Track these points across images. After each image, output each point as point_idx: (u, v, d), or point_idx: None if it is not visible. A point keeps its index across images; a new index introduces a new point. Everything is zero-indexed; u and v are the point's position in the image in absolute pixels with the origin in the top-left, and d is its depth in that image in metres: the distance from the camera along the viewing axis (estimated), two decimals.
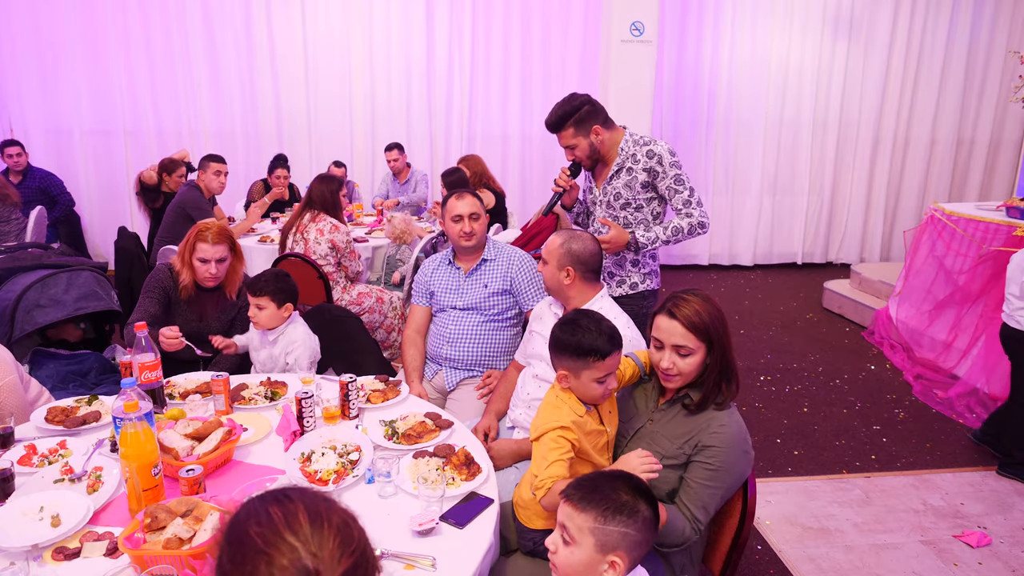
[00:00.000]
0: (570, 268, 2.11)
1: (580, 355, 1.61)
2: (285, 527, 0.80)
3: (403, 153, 6.21)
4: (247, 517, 0.82)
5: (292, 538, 0.79)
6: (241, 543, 0.80)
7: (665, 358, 1.66)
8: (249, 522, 0.81)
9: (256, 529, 0.80)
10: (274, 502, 0.83)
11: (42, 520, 1.48)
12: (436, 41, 6.80)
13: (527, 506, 1.69)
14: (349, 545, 0.81)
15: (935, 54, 7.22)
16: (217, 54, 6.53)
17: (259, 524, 0.81)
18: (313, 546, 0.79)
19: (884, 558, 2.61)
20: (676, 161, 2.49)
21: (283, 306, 2.45)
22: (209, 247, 2.59)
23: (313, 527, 0.81)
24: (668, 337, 1.65)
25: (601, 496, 1.24)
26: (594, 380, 1.63)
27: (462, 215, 2.56)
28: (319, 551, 0.79)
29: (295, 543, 0.79)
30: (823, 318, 5.66)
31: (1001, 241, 4.13)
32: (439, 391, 2.68)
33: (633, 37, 5.86)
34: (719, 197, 7.40)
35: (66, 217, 5.79)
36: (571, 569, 1.25)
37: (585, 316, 1.69)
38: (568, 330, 1.66)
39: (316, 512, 0.82)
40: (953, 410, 3.85)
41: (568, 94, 2.53)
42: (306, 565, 0.77)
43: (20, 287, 2.93)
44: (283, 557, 0.78)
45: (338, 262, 3.87)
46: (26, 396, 2.16)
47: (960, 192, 7.72)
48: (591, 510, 1.23)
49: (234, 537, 0.82)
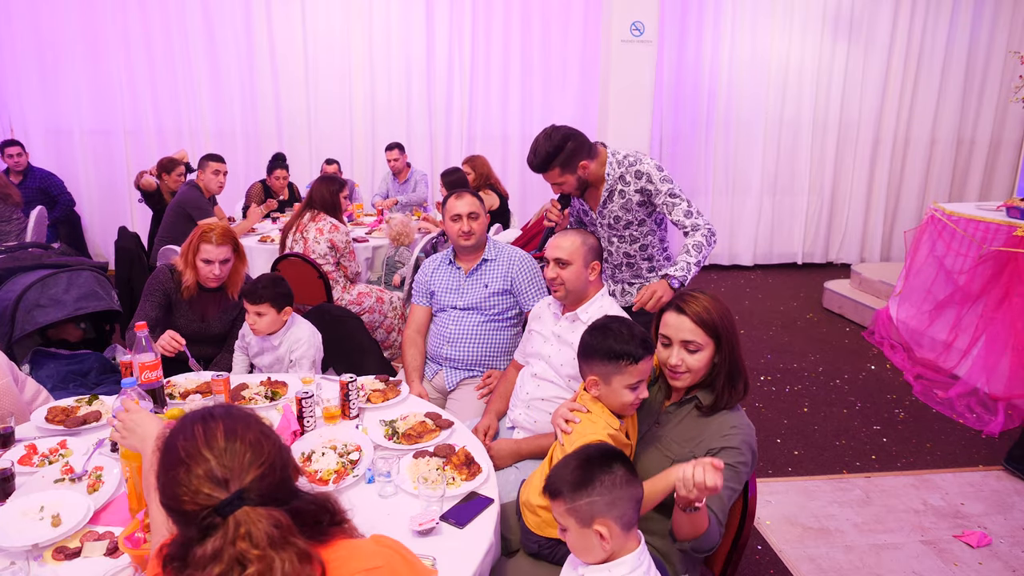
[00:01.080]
0: (596, 262, 2.13)
1: (612, 359, 1.59)
2: (203, 443, 0.96)
3: (403, 153, 6.21)
4: (178, 431, 1.00)
5: (207, 452, 0.95)
6: (169, 453, 0.98)
7: (673, 354, 1.65)
8: (178, 436, 0.99)
9: (181, 442, 0.97)
10: (200, 420, 1.00)
11: (42, 520, 1.48)
12: (436, 41, 6.80)
13: (537, 512, 1.66)
14: (260, 457, 0.97)
15: (935, 54, 7.22)
16: (217, 54, 6.53)
17: (184, 438, 0.98)
18: (226, 459, 0.95)
19: (884, 558, 2.61)
20: (665, 176, 2.43)
21: (282, 311, 2.46)
22: (213, 248, 2.59)
23: (228, 442, 0.97)
24: (676, 333, 1.64)
25: (560, 480, 1.33)
26: (626, 386, 1.60)
27: (461, 214, 2.56)
28: (231, 463, 0.95)
29: (209, 456, 0.95)
30: (823, 318, 5.66)
31: (1001, 241, 4.12)
32: (439, 391, 2.68)
33: (633, 37, 5.86)
34: (719, 197, 7.40)
35: (66, 217, 5.79)
36: (576, 550, 1.34)
37: (616, 321, 1.67)
38: (599, 335, 1.63)
39: (232, 430, 0.98)
40: (953, 410, 3.85)
41: (547, 129, 2.41)
42: (216, 474, 0.94)
43: (20, 287, 2.93)
44: (199, 467, 0.94)
45: (337, 262, 3.87)
46: (22, 397, 2.16)
47: (960, 192, 7.72)
48: (559, 496, 1.32)
49: (166, 447, 0.99)
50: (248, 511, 0.93)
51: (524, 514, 1.71)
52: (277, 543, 0.92)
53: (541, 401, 2.14)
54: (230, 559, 0.91)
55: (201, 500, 0.93)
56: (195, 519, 0.93)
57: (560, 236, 2.16)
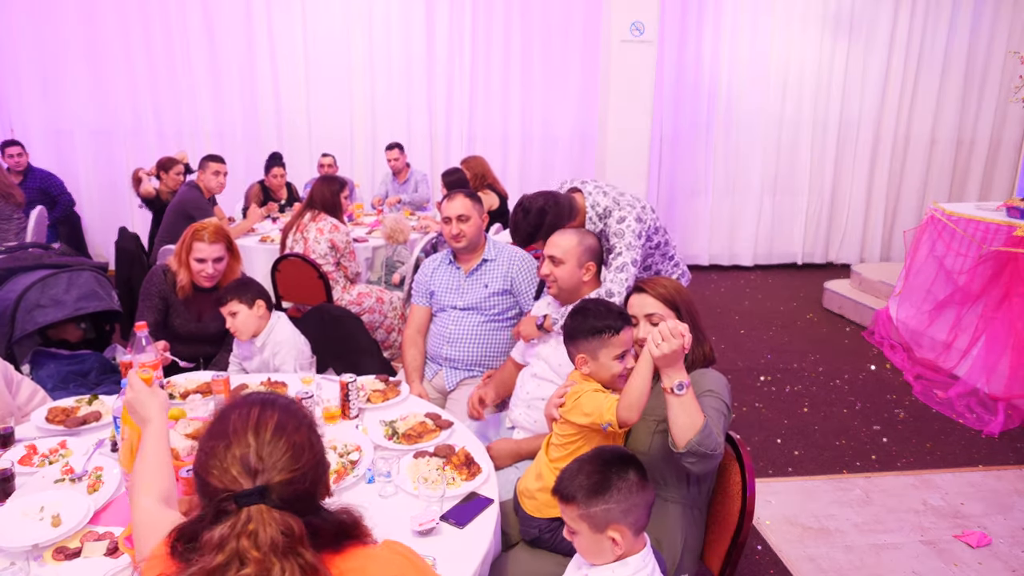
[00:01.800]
0: (591, 264, 2.16)
1: (595, 334, 1.68)
2: (252, 427, 0.96)
3: (403, 153, 6.21)
4: (237, 406, 1.00)
5: (251, 438, 0.95)
6: (220, 423, 0.98)
7: (641, 330, 1.80)
8: (233, 411, 0.99)
9: (234, 418, 0.97)
10: (259, 404, 1.00)
11: (42, 520, 1.48)
12: (436, 41, 6.80)
13: (534, 496, 1.71)
14: (296, 462, 0.95)
15: (935, 54, 7.21)
16: (217, 54, 6.53)
17: (238, 415, 0.98)
18: (264, 451, 0.94)
19: (884, 558, 2.61)
20: (627, 229, 2.36)
21: (254, 304, 2.44)
22: (206, 246, 2.59)
23: (274, 436, 0.96)
24: (640, 310, 1.83)
25: (576, 485, 1.33)
26: (613, 358, 1.69)
27: (451, 217, 2.58)
28: (267, 457, 0.94)
29: (251, 442, 0.94)
30: (823, 318, 5.66)
31: (1001, 241, 4.12)
32: (439, 391, 2.68)
33: (633, 37, 5.86)
34: (719, 197, 7.40)
35: (66, 217, 5.78)
36: (585, 553, 1.36)
37: (592, 301, 1.82)
38: (579, 316, 1.74)
39: (282, 426, 0.97)
40: (953, 410, 3.85)
41: (522, 203, 2.37)
42: (249, 462, 0.93)
43: (20, 287, 2.93)
44: (238, 448, 0.94)
45: (337, 262, 3.87)
46: (13, 401, 2.16)
47: (960, 192, 7.71)
48: (572, 501, 1.32)
49: (220, 416, 0.99)
50: (263, 510, 0.92)
51: (522, 502, 1.74)
52: (281, 550, 0.91)
53: (541, 401, 2.14)
54: (231, 553, 0.90)
55: (227, 481, 0.93)
56: (215, 496, 0.93)
57: (559, 234, 2.17)
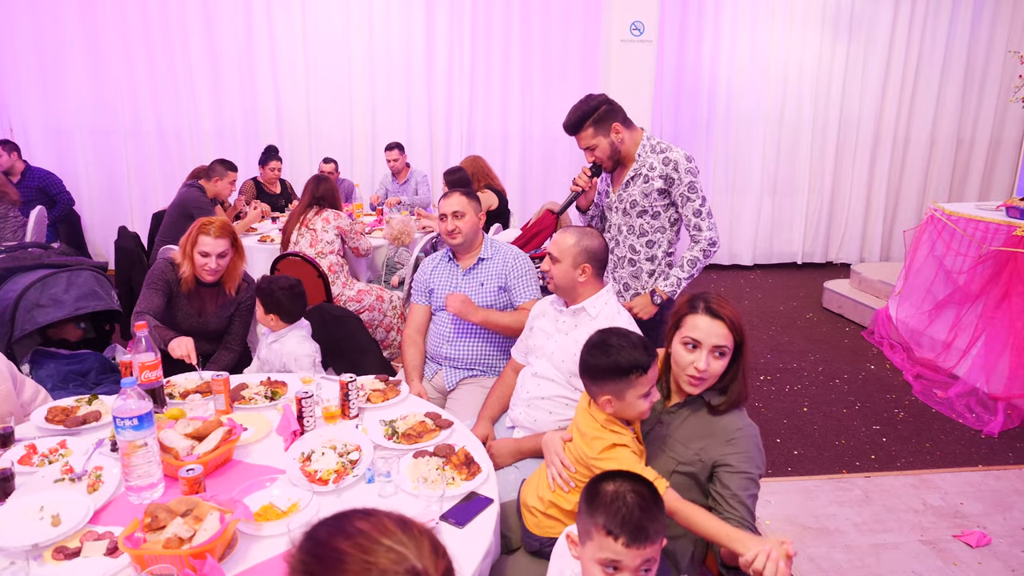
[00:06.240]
0: (587, 265, 2.11)
1: (622, 375, 1.54)
2: (379, 534, 0.79)
3: (403, 153, 6.20)
4: (330, 536, 0.80)
5: (389, 542, 0.78)
6: (338, 561, 0.78)
7: (701, 359, 1.58)
8: (336, 539, 0.80)
9: (347, 543, 0.78)
10: (353, 517, 0.82)
11: (42, 520, 1.48)
12: (436, 41, 6.80)
13: (535, 513, 1.66)
14: (440, 547, 0.82)
15: (935, 54, 7.22)
16: (217, 54, 6.52)
17: (348, 537, 0.79)
18: (412, 548, 0.78)
19: (884, 558, 2.61)
20: (692, 168, 2.47)
21: (268, 315, 2.54)
22: (211, 240, 2.60)
23: (405, 532, 0.80)
24: (708, 337, 1.58)
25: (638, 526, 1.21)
26: (639, 396, 1.56)
27: (446, 213, 2.61)
28: (419, 552, 0.78)
29: (393, 546, 0.78)
30: (823, 318, 5.66)
31: (1001, 241, 4.12)
32: (439, 390, 2.68)
33: (633, 37, 5.86)
34: (719, 197, 7.40)
35: (66, 217, 5.78)
36: None
37: (612, 334, 1.61)
38: (601, 353, 1.57)
39: (401, 519, 0.82)
40: (953, 410, 3.85)
41: (585, 95, 2.51)
42: (414, 565, 0.77)
43: (20, 287, 2.93)
44: (384, 559, 0.77)
45: (344, 252, 4.01)
46: (18, 401, 2.16)
47: (960, 192, 7.72)
48: (631, 543, 1.20)
49: (326, 558, 0.79)
50: None
51: (524, 515, 1.71)
52: None
53: (541, 400, 2.14)
54: None
55: None
56: None
57: (562, 232, 2.17)
